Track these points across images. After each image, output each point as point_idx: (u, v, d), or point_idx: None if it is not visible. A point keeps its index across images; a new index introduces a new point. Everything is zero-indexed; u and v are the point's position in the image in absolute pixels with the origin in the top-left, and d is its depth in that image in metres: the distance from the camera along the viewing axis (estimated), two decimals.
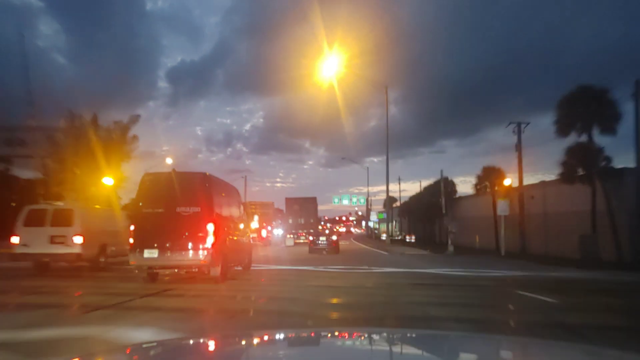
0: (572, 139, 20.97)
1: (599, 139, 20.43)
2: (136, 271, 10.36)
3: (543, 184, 27.80)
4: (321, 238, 24.56)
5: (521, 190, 27.43)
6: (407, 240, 37.15)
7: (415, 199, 55.73)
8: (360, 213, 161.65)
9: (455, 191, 41.93)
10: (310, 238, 25.24)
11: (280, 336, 2.54)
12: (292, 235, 35.92)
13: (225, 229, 11.27)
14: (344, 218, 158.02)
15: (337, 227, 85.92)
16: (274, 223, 64.28)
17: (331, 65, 25.74)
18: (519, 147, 27.66)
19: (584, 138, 20.76)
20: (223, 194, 11.85)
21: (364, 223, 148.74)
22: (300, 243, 34.87)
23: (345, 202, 56.21)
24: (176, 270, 10.64)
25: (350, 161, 61.32)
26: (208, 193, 10.56)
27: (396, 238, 40.57)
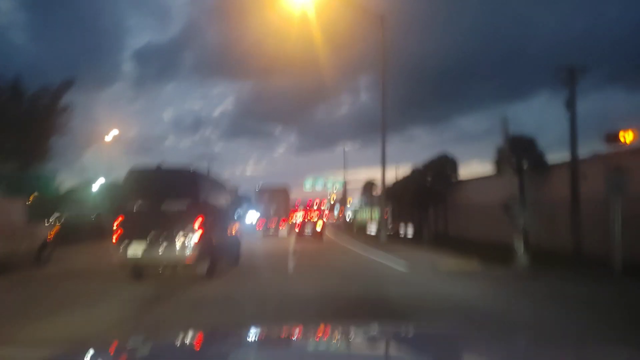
0: None
1: None
2: (120, 269, 9.80)
3: (599, 158, 19.27)
4: (307, 229, 26.77)
5: (576, 164, 18.58)
6: (401, 233, 28.03)
7: (402, 183, 47.05)
8: (332, 201, 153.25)
9: (455, 171, 33.09)
10: (297, 230, 27.42)
11: (273, 331, 2.47)
12: (262, 225, 32.98)
13: (213, 225, 10.67)
14: (315, 206, 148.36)
15: (312, 217, 77.17)
16: (237, 212, 54.38)
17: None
18: (571, 102, 18.72)
19: None
20: (210, 189, 11.30)
21: (336, 211, 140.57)
22: (270, 236, 31.56)
23: (319, 186, 47.03)
24: (160, 271, 10.01)
25: (324, 144, 52.01)
26: (195, 189, 10.17)
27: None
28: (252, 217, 37.83)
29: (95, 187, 68.38)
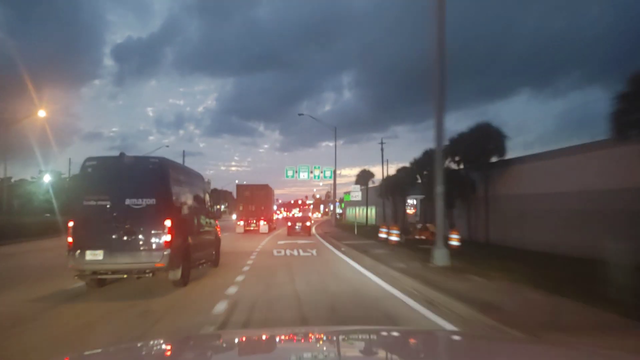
0: None
1: None
2: (76, 277, 7.88)
3: None
4: (297, 224, 27.91)
5: None
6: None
7: (407, 171, 35.96)
8: (318, 196, 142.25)
9: (502, 148, 22.01)
10: (289, 224, 28.64)
11: (234, 337, 2.34)
12: (242, 222, 30.70)
13: (187, 223, 9.17)
14: (300, 202, 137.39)
15: (294, 213, 67.63)
16: (215, 206, 43.88)
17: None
18: None
19: None
20: (183, 181, 9.42)
21: (322, 207, 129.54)
22: (250, 231, 30.12)
23: (304, 175, 35.77)
24: (125, 276, 8.02)
25: (311, 117, 41.59)
26: (165, 181, 8.32)
27: (415, 237, 19.01)
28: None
29: (45, 181, 55.82)
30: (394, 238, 17.30)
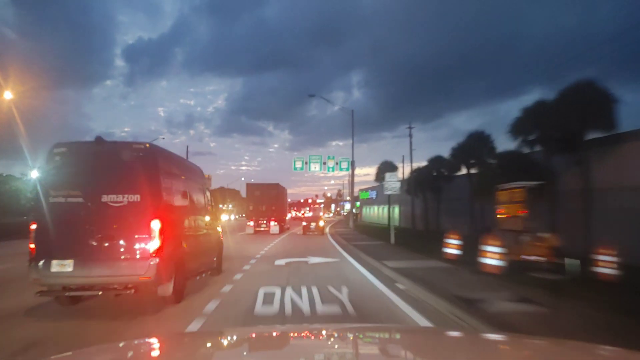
0: None
1: None
2: (38, 294, 6.04)
3: None
4: (312, 224, 28.22)
5: None
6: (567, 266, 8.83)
7: (446, 164, 28.45)
8: (329, 194, 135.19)
9: (611, 119, 14.58)
10: (304, 224, 29.23)
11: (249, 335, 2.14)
12: (252, 222, 28.94)
13: (181, 225, 7.45)
14: (310, 201, 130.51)
15: (304, 212, 62.08)
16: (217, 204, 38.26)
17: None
18: None
19: None
20: (177, 175, 7.54)
21: (333, 206, 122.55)
22: (260, 231, 28.08)
23: (315, 167, 29.05)
24: (100, 293, 6.22)
25: (322, 98, 34.94)
26: (152, 173, 6.53)
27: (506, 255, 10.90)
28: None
29: (33, 177, 49.11)
30: (492, 262, 9.22)
